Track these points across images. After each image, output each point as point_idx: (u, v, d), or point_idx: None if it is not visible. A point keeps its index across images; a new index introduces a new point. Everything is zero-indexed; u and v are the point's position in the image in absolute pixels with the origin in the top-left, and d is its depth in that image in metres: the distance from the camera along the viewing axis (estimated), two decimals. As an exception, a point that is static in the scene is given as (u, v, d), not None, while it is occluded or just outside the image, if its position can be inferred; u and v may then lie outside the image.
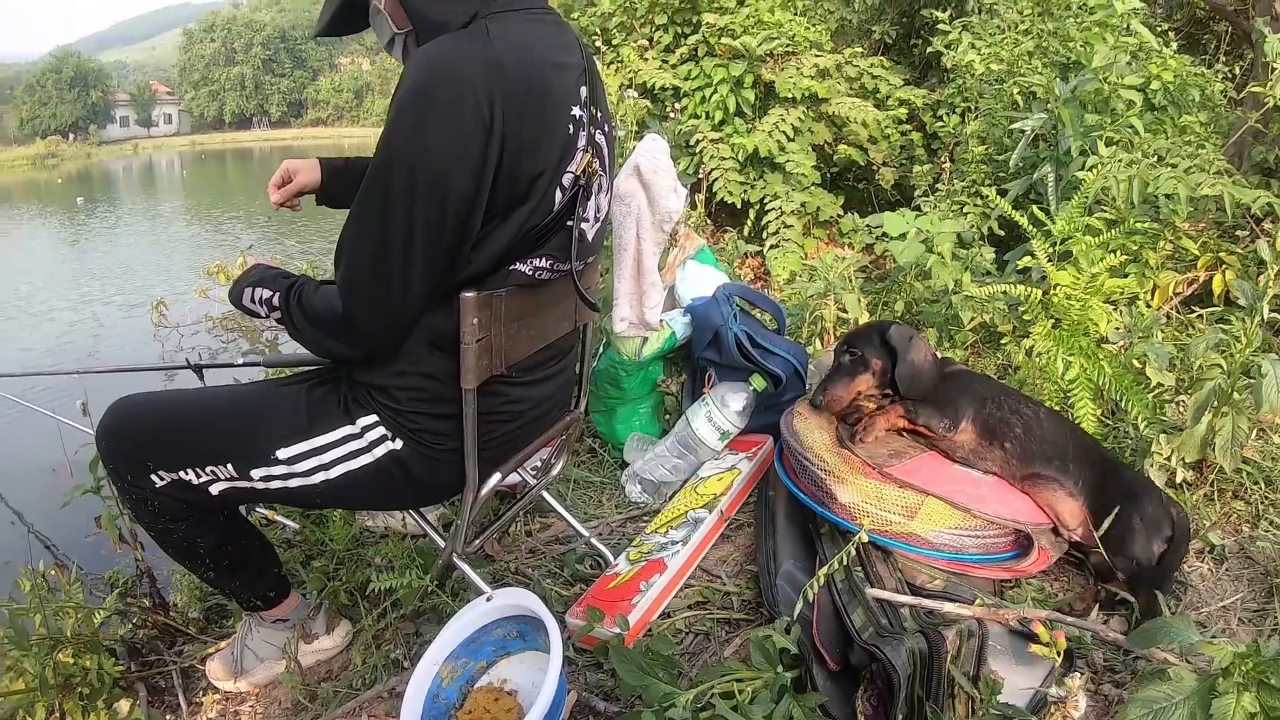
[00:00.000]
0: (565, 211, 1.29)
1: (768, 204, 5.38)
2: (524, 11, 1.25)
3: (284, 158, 1.55)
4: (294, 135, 71.80)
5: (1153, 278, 2.50)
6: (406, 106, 1.13)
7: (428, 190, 1.14)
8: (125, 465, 1.38)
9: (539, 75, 1.20)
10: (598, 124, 1.35)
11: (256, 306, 1.37)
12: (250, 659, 1.67)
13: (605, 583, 1.67)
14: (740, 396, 2.10)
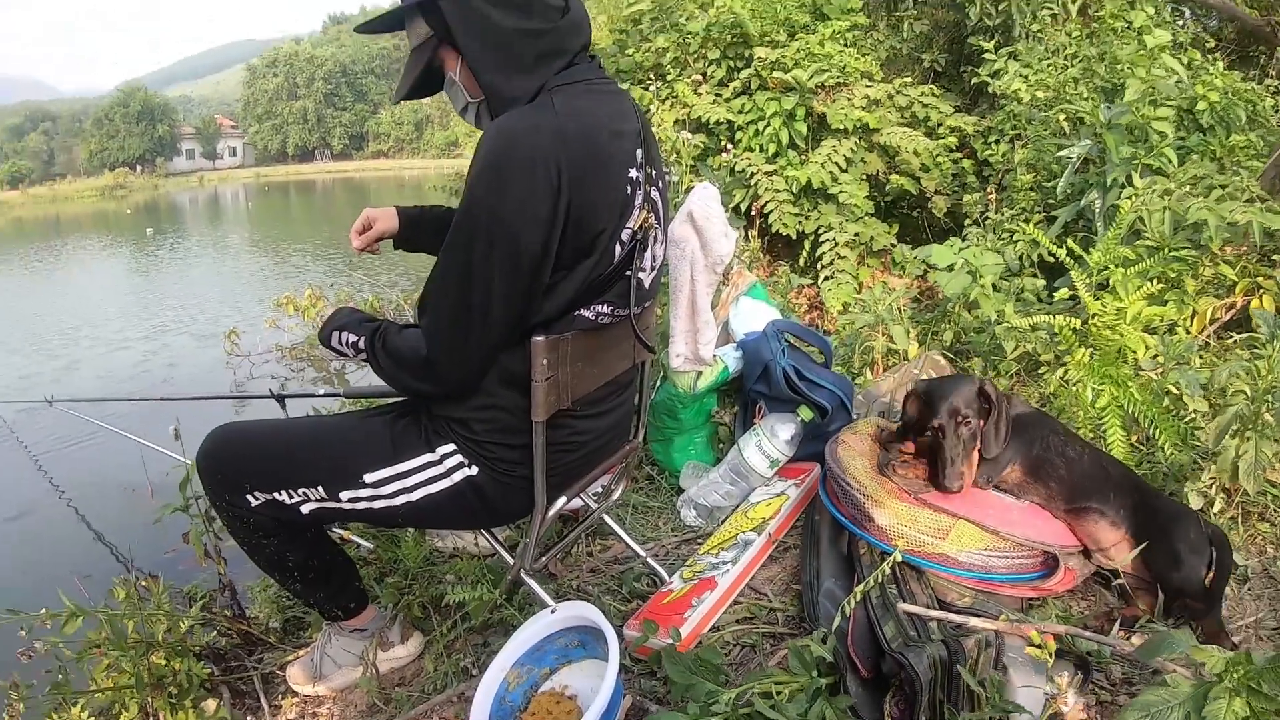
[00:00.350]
0: (624, 262, 1.46)
1: (822, 235, 5.49)
2: (584, 83, 1.41)
3: (346, 189, 1.73)
4: (355, 167, 73.34)
5: (1191, 304, 2.55)
6: (484, 174, 1.30)
7: (504, 247, 1.30)
8: (224, 486, 1.56)
9: (599, 143, 1.36)
10: (652, 181, 1.51)
11: (344, 348, 1.55)
12: (329, 665, 1.85)
13: (660, 598, 1.82)
14: (788, 426, 2.23)
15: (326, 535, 1.72)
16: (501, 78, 1.40)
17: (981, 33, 5.23)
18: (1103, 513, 1.64)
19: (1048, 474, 1.71)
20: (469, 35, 1.38)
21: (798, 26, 6.14)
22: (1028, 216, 4.03)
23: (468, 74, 1.44)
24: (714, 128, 5.86)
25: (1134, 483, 1.70)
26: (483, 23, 1.36)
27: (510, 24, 1.36)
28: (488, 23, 1.36)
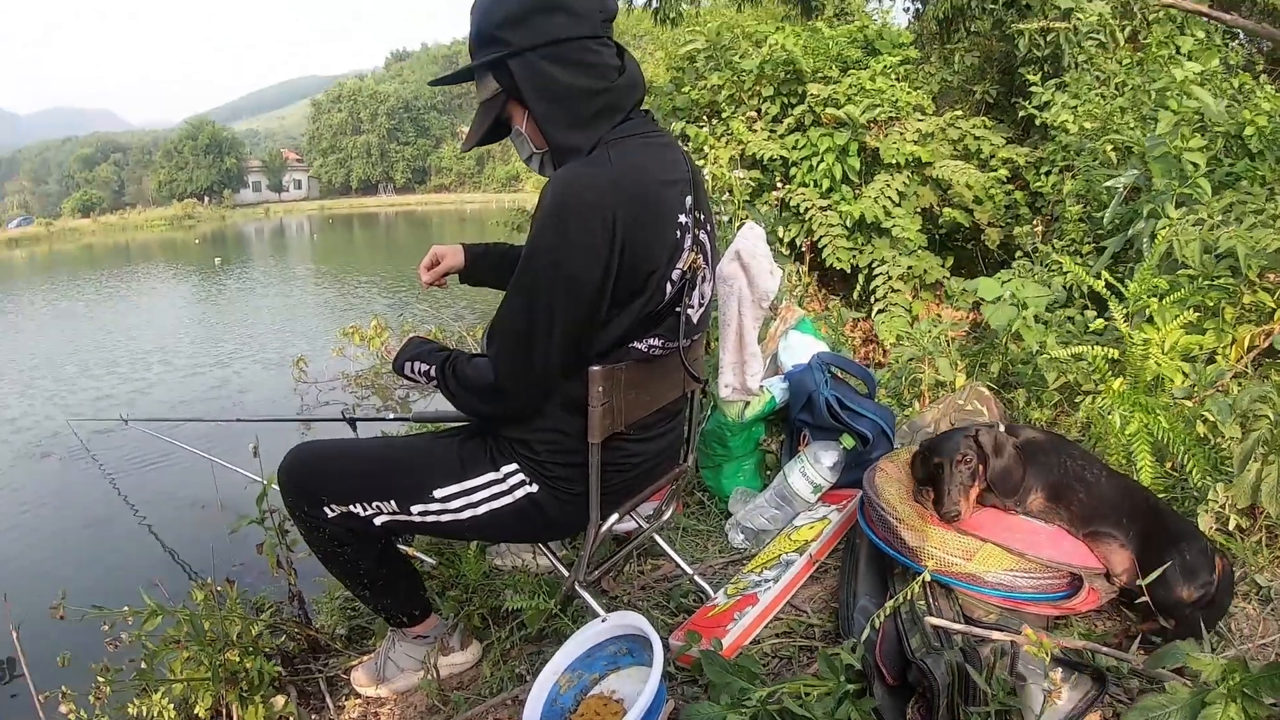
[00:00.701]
0: (674, 300, 1.61)
1: (875, 269, 5.56)
2: (639, 136, 1.57)
3: (409, 222, 1.89)
4: (418, 201, 74.52)
5: (1230, 332, 2.59)
6: (548, 221, 1.46)
7: (565, 286, 1.46)
8: (303, 498, 1.74)
9: (650, 192, 1.52)
10: (701, 225, 1.66)
11: (417, 376, 1.73)
12: (391, 669, 2.01)
13: (704, 612, 1.95)
14: (831, 454, 2.35)
15: (395, 547, 1.89)
16: (564, 132, 1.55)
17: (1031, 63, 5.27)
18: (1114, 536, 1.73)
19: (1068, 498, 1.80)
20: (536, 94, 1.53)
21: (850, 62, 6.24)
22: (1077, 248, 4.07)
23: (533, 127, 1.59)
24: (768, 164, 5.97)
25: (1152, 506, 1.77)
26: (549, 83, 1.52)
27: (573, 84, 1.52)
28: (554, 83, 1.51)
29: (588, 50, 1.53)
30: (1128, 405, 2.10)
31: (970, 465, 1.83)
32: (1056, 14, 5.08)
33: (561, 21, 1.50)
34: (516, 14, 1.49)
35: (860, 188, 5.77)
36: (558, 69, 1.51)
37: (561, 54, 1.51)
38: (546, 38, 1.50)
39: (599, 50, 1.54)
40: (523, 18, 1.49)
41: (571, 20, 1.50)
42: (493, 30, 1.52)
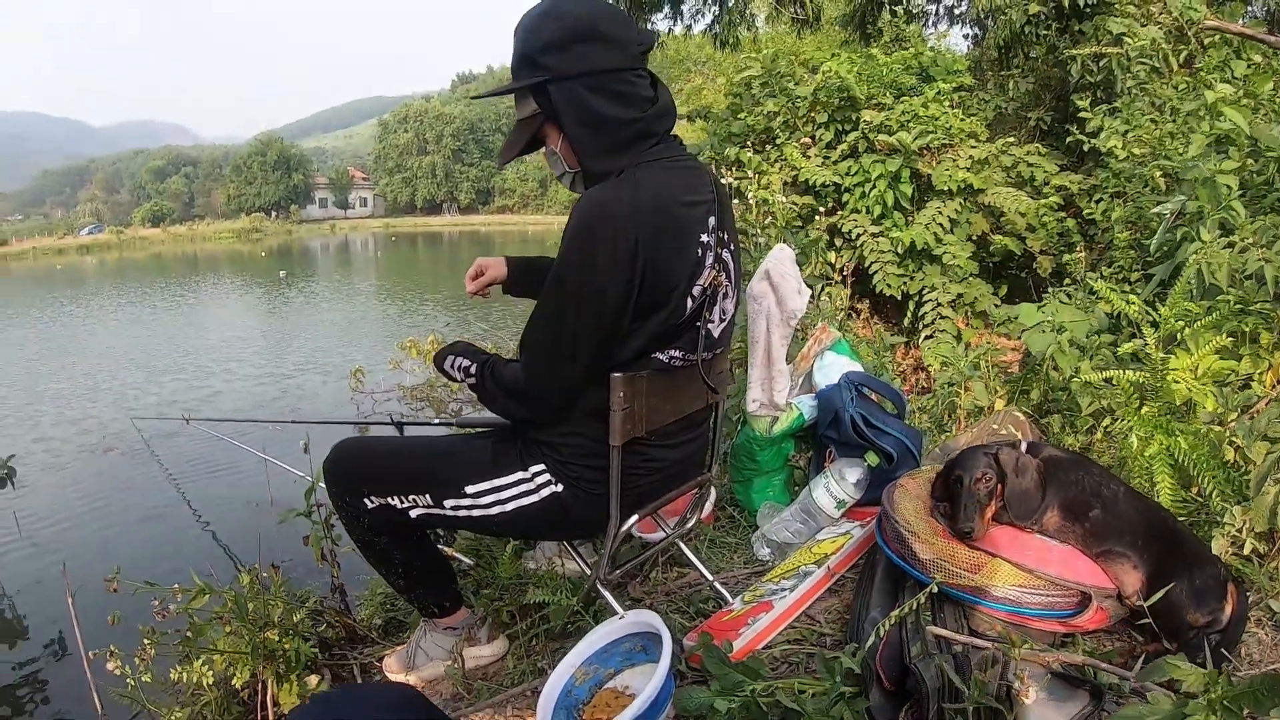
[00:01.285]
0: (695, 315, 1.70)
1: (925, 295, 5.56)
2: (665, 160, 1.66)
3: (472, 243, 2.00)
4: (481, 221, 75.62)
5: (1267, 358, 2.58)
6: (574, 240, 1.57)
7: (590, 299, 1.57)
8: (345, 490, 1.85)
9: (672, 212, 1.61)
10: (724, 244, 1.75)
11: (454, 371, 1.84)
12: (421, 657, 2.12)
13: (720, 617, 2.01)
14: (856, 470, 2.39)
15: (429, 539, 2.00)
16: (597, 156, 1.66)
17: (1084, 89, 5.25)
18: (1127, 556, 1.74)
19: (1083, 515, 1.82)
20: (573, 119, 1.62)
21: (904, 89, 6.27)
22: (1126, 275, 4.05)
23: (568, 149, 1.69)
24: (821, 190, 6.01)
25: (1169, 528, 1.78)
26: (586, 111, 1.61)
27: (608, 112, 1.61)
28: (590, 111, 1.61)
29: (624, 81, 1.62)
30: (1149, 427, 2.11)
31: (989, 484, 1.85)
32: (1109, 39, 5.06)
33: (601, 52, 1.59)
34: (559, 41, 1.58)
35: (912, 214, 5.78)
36: (595, 98, 1.60)
37: (600, 84, 1.60)
38: (587, 67, 1.59)
39: (634, 81, 1.64)
40: (565, 45, 1.58)
41: (611, 51, 1.60)
42: (535, 54, 1.60)
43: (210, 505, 5.60)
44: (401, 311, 16.44)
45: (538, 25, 1.61)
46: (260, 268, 31.37)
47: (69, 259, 49.22)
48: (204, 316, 17.63)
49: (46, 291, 25.63)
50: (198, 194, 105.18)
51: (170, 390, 9.25)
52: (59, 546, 5.07)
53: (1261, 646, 1.73)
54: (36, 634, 4.13)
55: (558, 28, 1.58)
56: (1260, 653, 1.71)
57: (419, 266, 25.52)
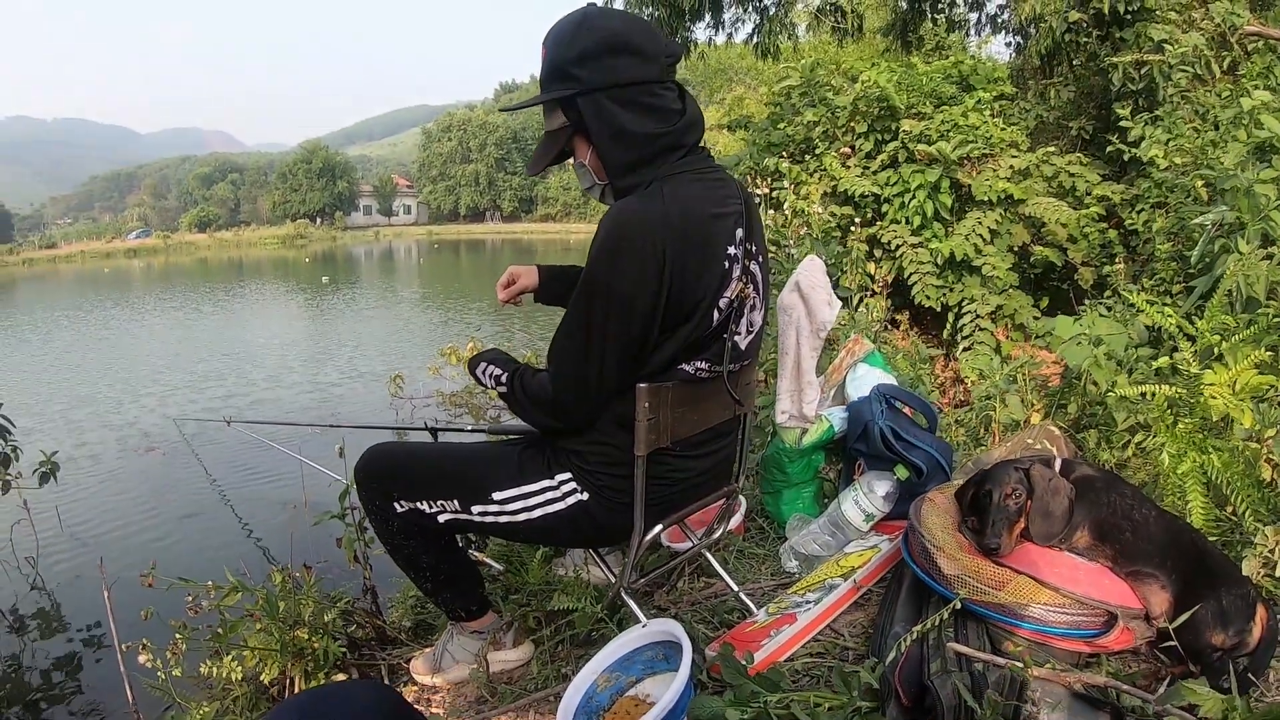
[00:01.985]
0: (722, 326, 1.71)
1: (964, 307, 5.50)
2: (692, 173, 1.68)
3: (514, 251, 2.02)
4: (524, 229, 75.56)
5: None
6: (603, 249, 1.58)
7: (618, 309, 1.59)
8: (375, 493, 1.88)
9: (700, 225, 1.63)
10: (753, 256, 1.76)
11: (486, 378, 1.87)
12: (447, 660, 2.14)
13: (743, 628, 2.02)
14: (885, 484, 2.38)
15: (457, 544, 2.02)
16: (625, 168, 1.67)
17: (1125, 98, 5.17)
18: (1155, 577, 1.73)
19: (1114, 537, 1.80)
20: (603, 133, 1.64)
21: (944, 98, 6.22)
22: (1167, 287, 3.99)
23: (597, 161, 1.70)
24: (860, 200, 5.98)
25: (1199, 549, 1.76)
26: (615, 123, 1.62)
27: (637, 125, 1.63)
28: (619, 124, 1.63)
29: (653, 94, 1.64)
30: (1182, 443, 2.08)
31: (1018, 500, 1.84)
32: (1150, 46, 4.99)
33: (631, 64, 1.61)
34: (590, 53, 1.59)
35: (952, 225, 5.73)
36: (624, 111, 1.62)
37: (629, 97, 1.62)
38: (616, 80, 1.60)
39: (662, 94, 1.66)
40: (595, 57, 1.59)
41: (640, 63, 1.62)
42: (566, 66, 1.62)
43: (248, 506, 5.71)
44: (443, 319, 16.57)
45: (569, 37, 1.62)
46: (304, 273, 31.89)
47: (116, 262, 50.50)
48: (247, 321, 17.96)
49: (94, 293, 26.26)
50: (243, 200, 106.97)
51: (213, 393, 9.46)
52: (98, 542, 5.22)
53: (1296, 671, 1.69)
54: (75, 626, 4.25)
55: (589, 40, 1.60)
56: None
57: (462, 274, 25.76)
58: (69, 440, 7.51)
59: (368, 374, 10.19)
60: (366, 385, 9.45)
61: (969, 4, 9.62)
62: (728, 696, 1.36)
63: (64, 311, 20.42)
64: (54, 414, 8.76)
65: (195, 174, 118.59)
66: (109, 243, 72.54)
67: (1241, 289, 2.54)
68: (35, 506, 5.12)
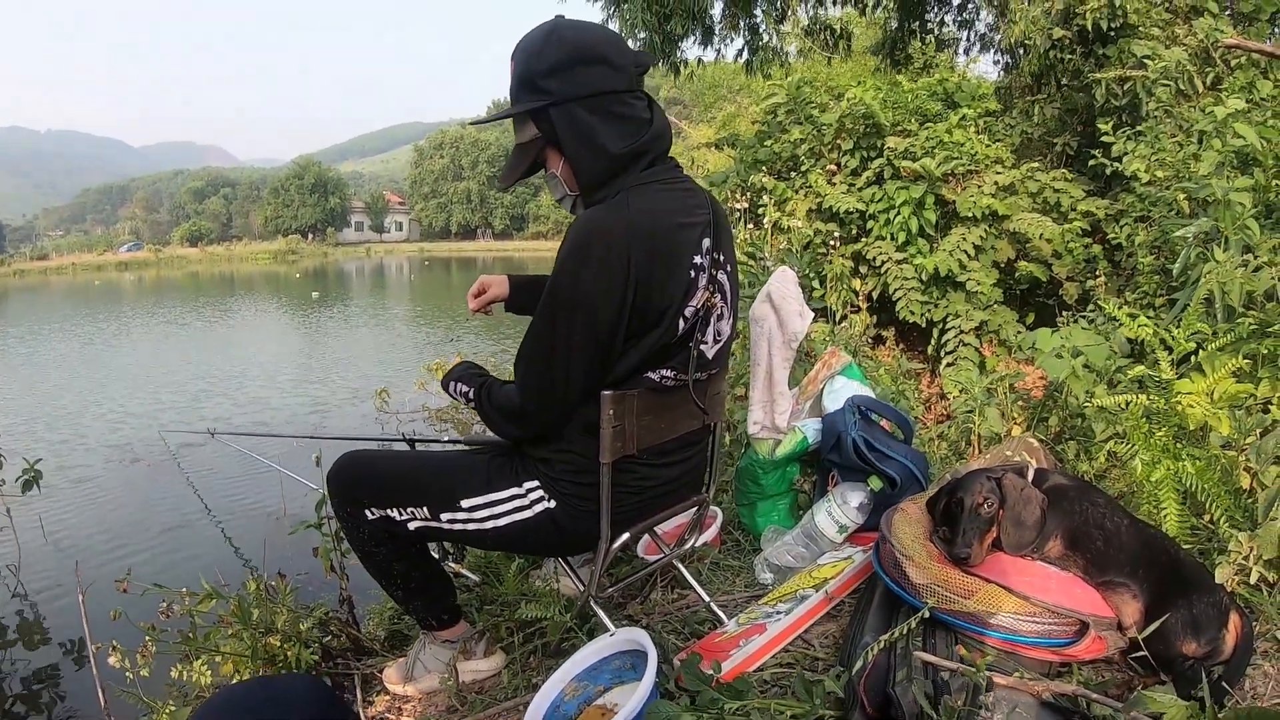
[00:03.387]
0: (688, 335, 1.70)
1: (949, 323, 5.51)
2: (659, 183, 1.67)
3: (505, 268, 2.00)
4: (515, 247, 75.32)
5: (1284, 382, 2.50)
6: (569, 260, 1.58)
7: (583, 317, 1.58)
8: (346, 501, 1.87)
9: (665, 234, 1.62)
10: (720, 266, 1.75)
11: (457, 395, 1.86)
12: (419, 669, 2.12)
13: (713, 638, 1.99)
14: (858, 495, 2.36)
15: (429, 553, 2.00)
16: (596, 178, 1.67)
17: (1109, 114, 5.19)
18: (1127, 586, 1.71)
19: (1086, 545, 1.78)
20: (575, 143, 1.64)
21: (929, 115, 6.25)
22: (1150, 300, 4.00)
23: (569, 172, 1.70)
24: (845, 217, 5.99)
25: (1172, 557, 1.74)
26: (587, 133, 1.62)
27: (609, 134, 1.63)
28: (591, 132, 1.62)
29: (624, 103, 1.64)
30: (1156, 451, 2.07)
31: (990, 509, 1.83)
32: (1133, 61, 5.02)
33: (602, 74, 1.61)
34: (561, 64, 1.60)
35: (936, 241, 5.76)
36: (596, 121, 1.62)
37: (600, 106, 1.62)
38: (588, 89, 1.61)
39: (633, 104, 1.66)
40: (567, 68, 1.60)
41: (611, 73, 1.62)
42: (536, 78, 1.62)
43: (230, 516, 5.71)
44: (432, 336, 16.54)
45: (539, 49, 1.62)
46: (295, 289, 31.95)
47: (107, 275, 50.47)
48: (237, 335, 17.93)
49: (85, 307, 26.16)
50: (235, 215, 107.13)
51: (199, 406, 9.44)
52: (80, 552, 5.19)
53: (1267, 680, 1.67)
54: (55, 635, 4.23)
55: (560, 51, 1.60)
56: (1265, 686, 1.65)
57: (453, 290, 25.77)
58: (53, 451, 7.47)
59: (355, 388, 10.19)
60: (354, 401, 9.44)
61: (958, 23, 9.67)
62: (684, 702, 1.34)
63: (55, 325, 20.35)
64: (39, 425, 8.72)
65: (188, 188, 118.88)
66: (100, 255, 72.46)
67: (1217, 297, 2.53)
68: (18, 515, 5.09)
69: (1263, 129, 3.51)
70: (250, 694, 1.12)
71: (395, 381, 8.55)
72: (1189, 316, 2.44)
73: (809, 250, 5.80)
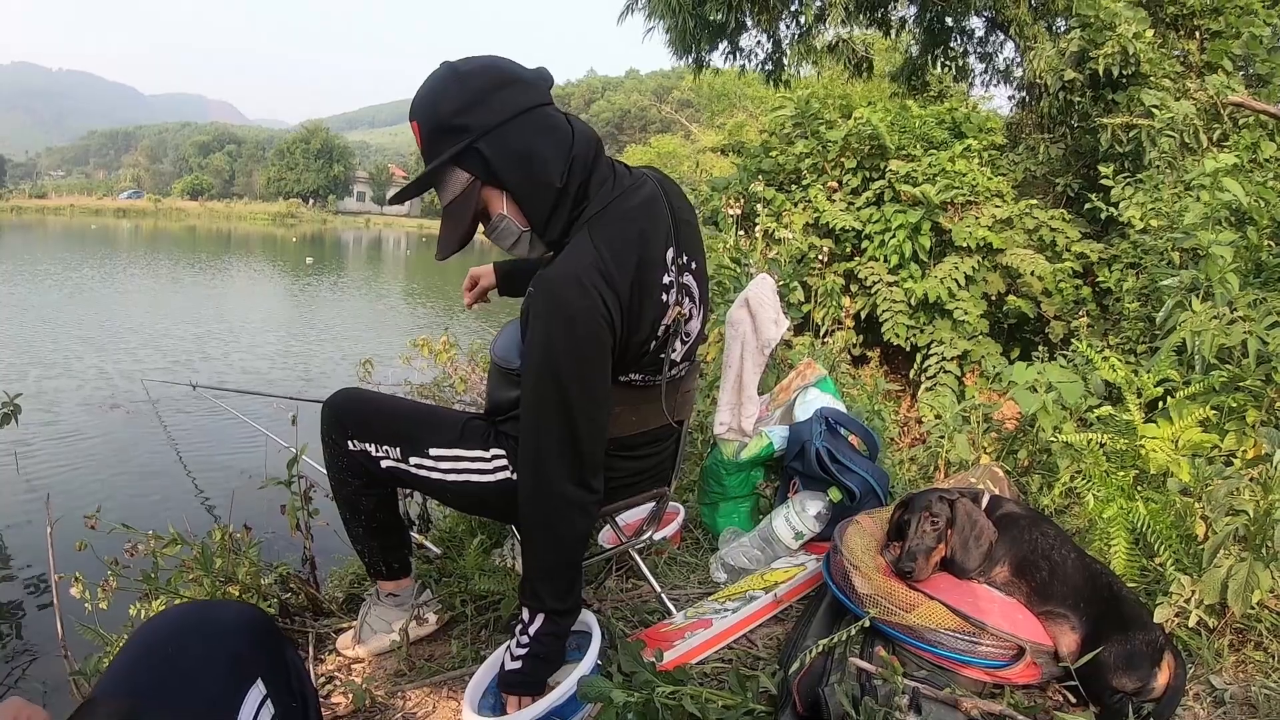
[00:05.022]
0: (660, 347, 1.72)
1: (932, 349, 5.56)
2: (614, 207, 1.61)
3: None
4: (515, 234, 75.36)
5: (1251, 435, 2.54)
6: (555, 324, 1.52)
7: (588, 373, 1.56)
8: (335, 429, 1.90)
9: (634, 269, 1.59)
10: (685, 269, 1.75)
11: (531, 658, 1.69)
12: (366, 630, 2.14)
13: (659, 627, 2.02)
14: (817, 504, 2.39)
15: (396, 499, 2.06)
16: (548, 203, 1.60)
17: (1112, 159, 5.23)
18: (1066, 617, 1.74)
19: (1031, 574, 1.82)
20: (512, 168, 1.56)
21: (935, 142, 6.29)
22: (1133, 346, 4.04)
23: (514, 207, 1.62)
24: (841, 234, 6.03)
25: (1114, 593, 1.77)
26: (522, 153, 1.55)
27: (543, 149, 1.56)
28: (526, 152, 1.55)
29: (547, 116, 1.59)
30: (1111, 490, 2.11)
31: (937, 528, 1.87)
32: (1141, 110, 5.06)
33: (521, 91, 1.56)
34: (474, 97, 1.52)
35: (929, 267, 5.80)
36: (530, 136, 1.55)
37: (529, 122, 1.55)
38: (513, 110, 1.54)
39: (553, 115, 1.61)
40: (481, 99, 1.52)
41: (527, 89, 1.57)
42: (450, 120, 1.53)
43: (203, 469, 5.72)
44: (422, 315, 16.50)
45: (442, 92, 1.54)
46: (290, 253, 31.81)
47: (104, 220, 50.22)
48: (227, 295, 17.88)
49: (80, 251, 26.03)
50: (238, 173, 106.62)
51: (183, 360, 9.41)
52: (51, 488, 5.15)
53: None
54: (20, 570, 4.22)
55: (468, 85, 1.53)
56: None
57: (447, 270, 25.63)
58: (33, 388, 7.44)
59: (339, 356, 10.20)
60: (338, 367, 9.44)
61: (978, 55, 9.73)
62: (619, 679, 1.36)
63: (45, 267, 20.21)
64: (20, 361, 8.70)
65: (194, 141, 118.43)
66: (99, 200, 72.17)
67: (1190, 346, 2.58)
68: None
69: (1262, 189, 3.56)
70: (187, 614, 1.14)
71: (380, 354, 8.56)
72: (1160, 363, 2.48)
73: (802, 264, 5.83)
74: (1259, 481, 1.95)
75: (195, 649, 1.07)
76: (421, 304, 18.44)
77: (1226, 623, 1.90)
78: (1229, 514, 1.96)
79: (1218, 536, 1.83)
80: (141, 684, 1.02)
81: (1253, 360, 2.49)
